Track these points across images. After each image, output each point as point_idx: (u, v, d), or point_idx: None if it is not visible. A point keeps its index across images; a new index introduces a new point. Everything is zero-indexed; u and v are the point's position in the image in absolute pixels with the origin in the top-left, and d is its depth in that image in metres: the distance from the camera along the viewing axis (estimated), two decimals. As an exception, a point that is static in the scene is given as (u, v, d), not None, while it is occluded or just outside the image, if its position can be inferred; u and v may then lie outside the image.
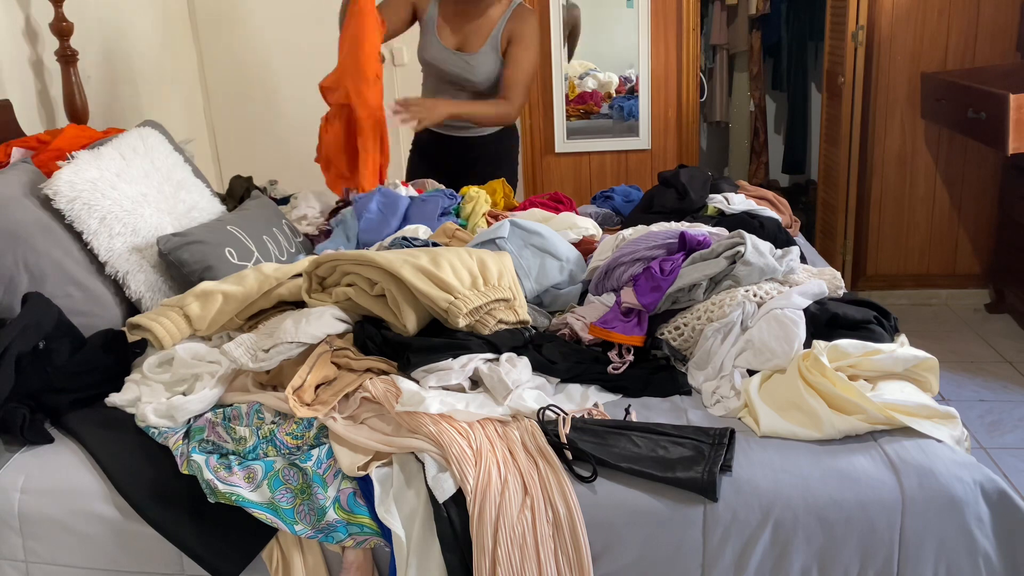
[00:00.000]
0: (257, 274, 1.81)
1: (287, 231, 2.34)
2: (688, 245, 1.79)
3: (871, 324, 1.65)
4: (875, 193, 3.80)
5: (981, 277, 3.84)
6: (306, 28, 3.87)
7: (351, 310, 1.68)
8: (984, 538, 1.31)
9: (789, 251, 1.80)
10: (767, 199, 2.50)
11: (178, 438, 1.50)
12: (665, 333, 1.72)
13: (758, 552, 1.31)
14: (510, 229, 2.01)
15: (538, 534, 1.30)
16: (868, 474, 1.33)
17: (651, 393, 1.61)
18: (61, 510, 1.44)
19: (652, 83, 3.84)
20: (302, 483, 1.40)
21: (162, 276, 2.03)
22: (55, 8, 2.59)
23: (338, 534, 1.35)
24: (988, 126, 3.00)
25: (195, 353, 1.65)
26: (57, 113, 2.77)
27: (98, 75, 3.00)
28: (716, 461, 1.34)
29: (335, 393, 1.51)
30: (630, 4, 3.78)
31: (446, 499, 1.33)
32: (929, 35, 3.61)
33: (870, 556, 1.31)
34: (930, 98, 3.54)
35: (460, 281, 1.62)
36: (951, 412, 1.44)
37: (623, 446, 1.40)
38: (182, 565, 1.42)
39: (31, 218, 1.88)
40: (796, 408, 1.45)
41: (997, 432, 2.75)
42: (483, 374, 1.55)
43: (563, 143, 3.93)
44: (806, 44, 4.83)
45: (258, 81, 3.95)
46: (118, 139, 2.18)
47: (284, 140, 4.00)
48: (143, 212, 2.04)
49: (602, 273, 1.88)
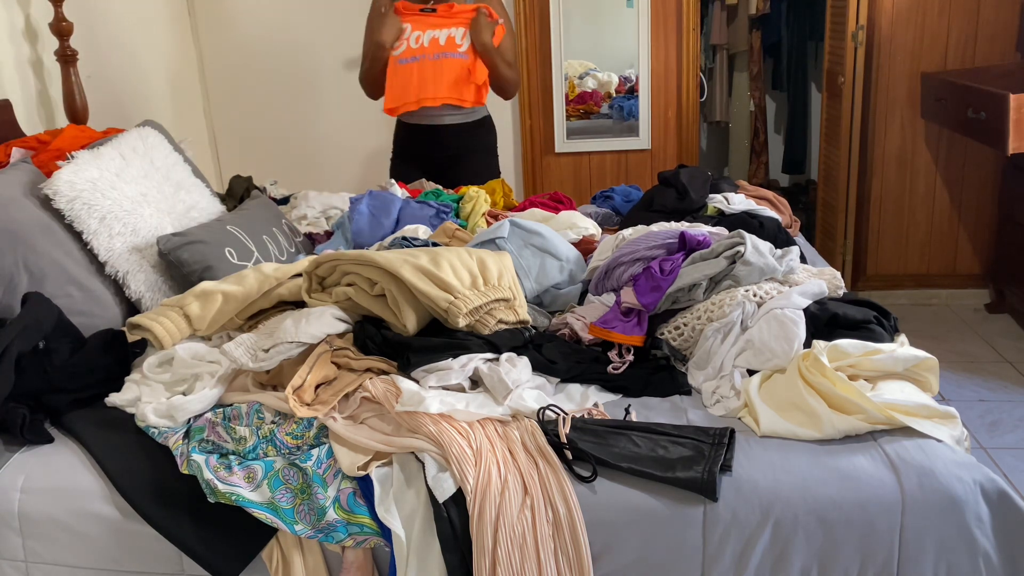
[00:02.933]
0: (257, 274, 1.81)
1: (287, 231, 2.34)
2: (688, 245, 1.79)
3: (871, 324, 1.65)
4: (875, 193, 3.80)
5: (981, 277, 3.84)
6: (306, 28, 3.88)
7: (351, 310, 1.68)
8: (984, 538, 1.31)
9: (789, 251, 1.80)
10: (767, 199, 2.50)
11: (178, 438, 1.50)
12: (665, 333, 1.72)
13: (758, 552, 1.31)
14: (510, 229, 2.01)
15: (538, 534, 1.30)
16: (868, 474, 1.33)
17: (651, 393, 1.61)
18: (61, 510, 1.44)
19: (652, 83, 3.84)
20: (302, 483, 1.40)
21: (162, 276, 2.03)
22: (55, 8, 2.59)
23: (338, 534, 1.35)
24: (988, 126, 3.00)
25: (195, 353, 1.65)
26: (57, 113, 2.77)
27: (98, 75, 3.00)
28: (716, 461, 1.34)
29: (335, 393, 1.51)
30: (630, 4, 3.78)
31: (446, 499, 1.33)
32: (929, 35, 3.61)
33: (870, 556, 1.31)
34: (930, 98, 3.54)
35: (460, 281, 1.62)
36: (951, 412, 1.44)
37: (623, 446, 1.40)
38: (182, 565, 1.42)
39: (31, 218, 1.88)
40: (796, 408, 1.45)
41: (997, 432, 2.75)
42: (483, 374, 1.55)
43: (563, 143, 3.93)
44: (806, 44, 4.83)
45: (258, 81, 3.95)
46: (118, 139, 2.18)
47: (284, 140, 4.00)
48: (143, 212, 2.04)
49: (602, 273, 1.88)
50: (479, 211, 2.44)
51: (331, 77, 3.92)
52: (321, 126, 3.99)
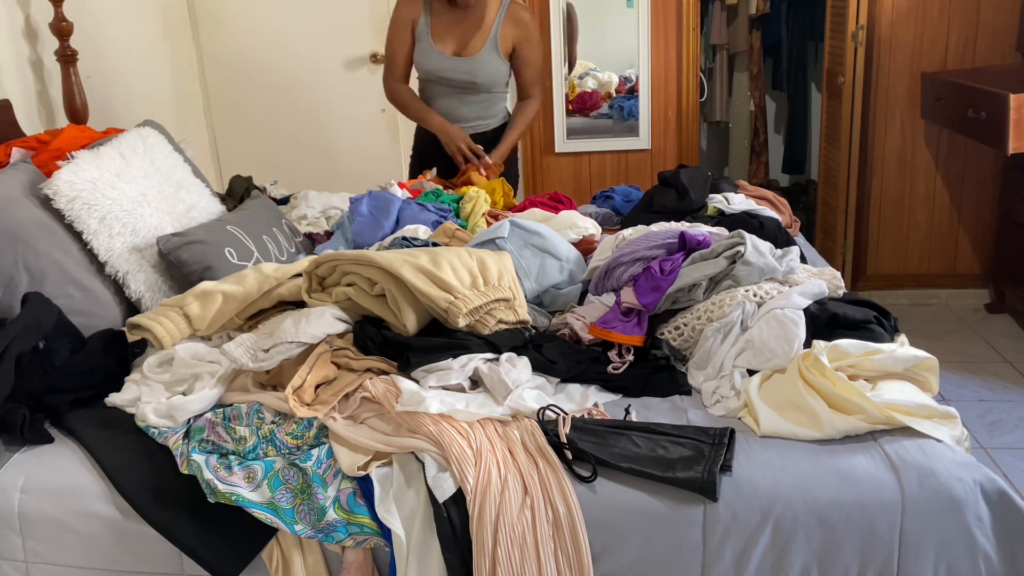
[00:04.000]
0: (257, 274, 1.81)
1: (287, 231, 2.34)
2: (688, 245, 1.79)
3: (871, 324, 1.65)
4: (875, 193, 3.80)
5: (981, 277, 3.84)
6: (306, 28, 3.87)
7: (351, 310, 1.68)
8: (984, 538, 1.31)
9: (789, 251, 1.80)
10: (767, 199, 2.50)
11: (178, 438, 1.50)
12: (665, 333, 1.72)
13: (758, 552, 1.31)
14: (510, 229, 2.01)
15: (538, 534, 1.30)
16: (868, 474, 1.33)
17: (651, 393, 1.61)
18: (61, 510, 1.44)
19: (652, 83, 3.84)
20: (302, 483, 1.40)
21: (162, 276, 2.03)
22: (55, 8, 2.59)
23: (338, 534, 1.35)
24: (988, 126, 3.00)
25: (195, 353, 1.64)
26: (57, 113, 2.77)
27: (98, 75, 2.99)
28: (716, 461, 1.34)
29: (335, 393, 1.51)
30: (630, 4, 3.78)
31: (446, 499, 1.33)
32: (929, 35, 3.61)
33: (870, 556, 1.31)
34: (930, 98, 3.54)
35: (460, 281, 1.62)
36: (951, 412, 1.44)
37: (623, 446, 1.40)
38: (182, 565, 1.42)
39: (31, 218, 1.88)
40: (796, 408, 1.45)
41: (997, 432, 2.75)
42: (483, 374, 1.55)
43: (563, 143, 3.93)
44: (806, 44, 4.83)
45: (258, 81, 3.95)
46: (118, 139, 2.18)
47: (284, 140, 4.00)
48: (143, 212, 2.04)
49: (602, 273, 1.88)
50: (479, 211, 2.44)
51: (331, 77, 3.92)
52: (321, 126, 3.99)
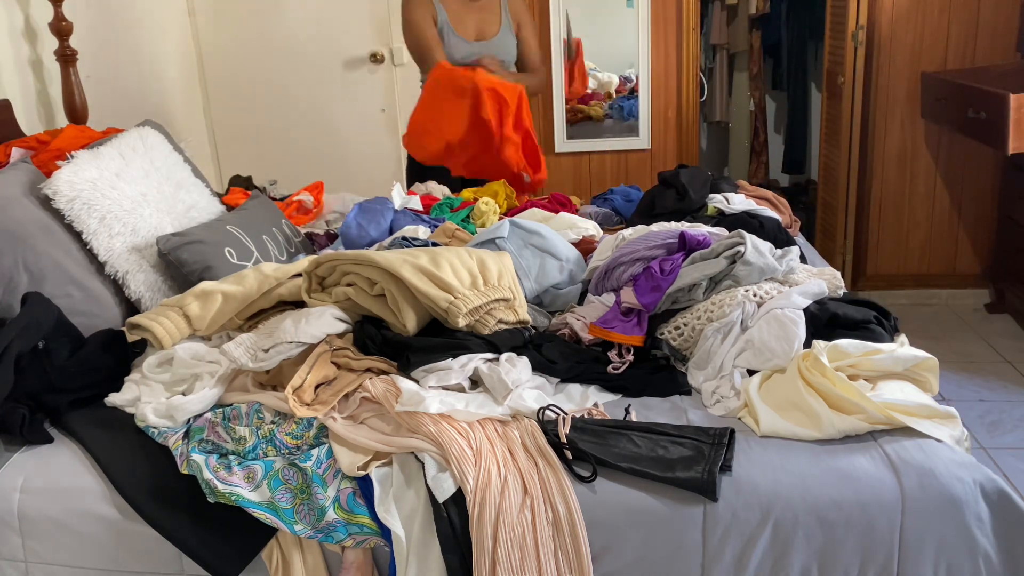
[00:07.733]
0: (257, 274, 1.81)
1: (287, 231, 2.34)
2: (688, 245, 1.79)
3: (871, 324, 1.65)
4: (875, 193, 3.80)
5: (981, 277, 3.83)
6: (307, 28, 3.87)
7: (351, 310, 1.68)
8: (984, 538, 1.31)
9: (789, 251, 1.80)
10: (767, 199, 2.50)
11: (178, 438, 1.50)
12: (665, 333, 1.72)
13: (758, 552, 1.31)
14: (510, 229, 2.01)
15: (538, 534, 1.29)
16: (868, 474, 1.33)
17: (651, 393, 1.61)
18: (61, 510, 1.44)
19: (652, 83, 3.84)
20: (302, 483, 1.40)
21: (162, 276, 2.03)
22: (55, 8, 2.59)
23: (338, 534, 1.35)
24: (988, 126, 3.00)
25: (195, 353, 1.64)
26: (57, 113, 2.77)
27: (98, 75, 3.00)
28: (716, 461, 1.34)
29: (335, 393, 1.51)
30: (630, 4, 3.78)
31: (446, 499, 1.33)
32: (929, 35, 3.61)
33: (870, 556, 1.31)
34: (930, 98, 3.54)
35: (460, 281, 1.62)
36: (951, 412, 1.44)
37: (623, 446, 1.40)
38: (182, 565, 1.42)
39: (31, 218, 1.88)
40: (796, 408, 1.45)
41: (997, 432, 2.74)
42: (483, 374, 1.55)
43: (563, 143, 3.93)
44: (806, 44, 4.82)
45: (258, 81, 3.95)
46: (117, 139, 2.18)
47: (284, 140, 4.00)
48: (143, 212, 2.04)
49: (602, 273, 1.88)
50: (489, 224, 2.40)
51: (331, 77, 3.92)
52: (321, 126, 3.99)
